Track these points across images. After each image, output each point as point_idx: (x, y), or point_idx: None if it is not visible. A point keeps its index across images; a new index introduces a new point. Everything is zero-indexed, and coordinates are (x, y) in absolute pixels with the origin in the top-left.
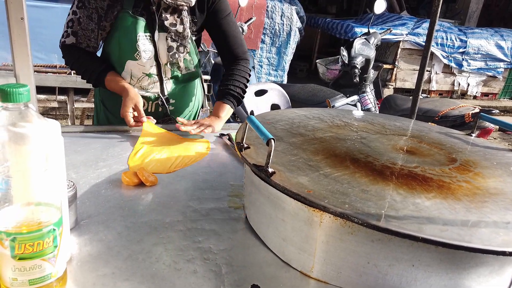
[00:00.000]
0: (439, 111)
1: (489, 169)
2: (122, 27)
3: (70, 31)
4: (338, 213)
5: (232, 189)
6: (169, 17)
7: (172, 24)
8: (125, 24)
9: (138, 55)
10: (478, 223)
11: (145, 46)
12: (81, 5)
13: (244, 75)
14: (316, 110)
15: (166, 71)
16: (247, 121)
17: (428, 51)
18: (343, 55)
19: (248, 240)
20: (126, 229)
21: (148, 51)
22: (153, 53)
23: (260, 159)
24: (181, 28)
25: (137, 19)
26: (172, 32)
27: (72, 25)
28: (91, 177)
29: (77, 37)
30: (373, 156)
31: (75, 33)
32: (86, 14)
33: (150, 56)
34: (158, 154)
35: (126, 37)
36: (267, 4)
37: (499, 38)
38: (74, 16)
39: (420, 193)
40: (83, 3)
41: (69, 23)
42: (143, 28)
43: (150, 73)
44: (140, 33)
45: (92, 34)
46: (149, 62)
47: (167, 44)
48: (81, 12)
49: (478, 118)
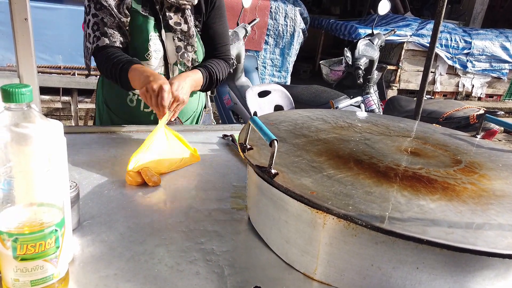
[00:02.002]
0: (443, 113)
1: (494, 171)
2: (134, 27)
3: (98, 33)
4: (341, 215)
5: (235, 190)
6: (173, 16)
7: (176, 23)
8: (136, 23)
9: (149, 55)
10: (483, 226)
11: (156, 46)
12: (99, 6)
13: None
14: (320, 111)
15: (174, 71)
16: (250, 122)
17: (433, 52)
18: (346, 56)
19: (250, 241)
20: (128, 230)
21: (158, 51)
22: (162, 53)
23: (263, 160)
24: (185, 27)
25: (148, 18)
26: (178, 32)
27: (98, 28)
28: (94, 177)
29: (108, 37)
30: (377, 157)
31: (104, 33)
32: (107, 13)
33: (160, 56)
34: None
35: (138, 36)
36: (271, 5)
37: (504, 39)
38: (96, 19)
39: (424, 195)
40: (101, 3)
41: (94, 26)
42: (153, 27)
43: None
44: (151, 32)
45: (120, 30)
46: (159, 62)
47: (175, 44)
48: (102, 13)
49: (483, 120)
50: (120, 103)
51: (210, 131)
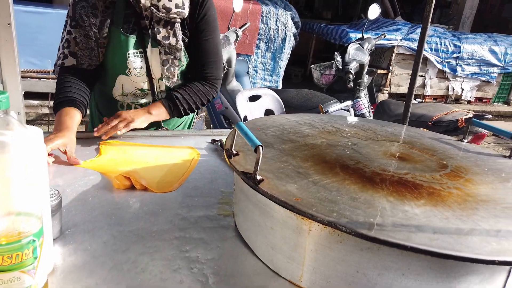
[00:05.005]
0: (432, 116)
1: (480, 176)
2: (113, 44)
3: (67, 51)
4: (326, 221)
5: (223, 196)
6: (161, 30)
7: (165, 38)
8: (116, 41)
9: (129, 72)
10: (468, 231)
11: (135, 63)
12: (75, 24)
13: (203, 97)
14: (308, 116)
15: (160, 85)
16: (236, 127)
17: (420, 56)
18: (337, 60)
19: (237, 248)
20: (112, 238)
21: (139, 68)
22: (145, 69)
23: (249, 166)
24: (174, 41)
25: (128, 37)
26: (165, 46)
27: (69, 46)
28: (79, 184)
29: (76, 58)
30: (364, 162)
31: (73, 53)
32: (82, 33)
33: (141, 73)
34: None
35: (117, 54)
36: (262, 9)
37: (492, 43)
38: (69, 36)
39: (410, 201)
40: (77, 22)
41: (65, 43)
42: (133, 45)
43: (143, 88)
44: (130, 50)
45: (92, 52)
46: (141, 78)
47: (161, 58)
48: (76, 32)
49: (470, 124)
50: (111, 109)
51: (199, 136)
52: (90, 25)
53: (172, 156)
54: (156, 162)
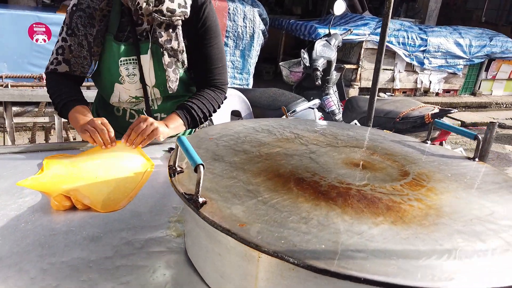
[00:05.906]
0: (399, 112)
1: (443, 183)
2: (107, 53)
3: (61, 58)
4: (271, 252)
5: (174, 213)
6: (163, 33)
7: (167, 41)
8: (109, 49)
9: (122, 79)
10: (428, 253)
11: (128, 71)
12: (70, 32)
13: (215, 103)
14: (266, 121)
15: (155, 93)
16: (177, 143)
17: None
18: (304, 57)
19: (185, 276)
20: (41, 272)
21: (132, 75)
22: (138, 76)
23: (192, 186)
24: (176, 44)
25: (119, 45)
26: (168, 49)
27: (63, 52)
28: (12, 208)
29: (70, 65)
30: (320, 174)
31: (67, 61)
32: (77, 42)
33: (135, 80)
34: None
35: (110, 62)
36: (229, 6)
37: (457, 36)
38: (64, 43)
39: (367, 218)
40: (73, 30)
41: (59, 50)
42: (126, 53)
43: (137, 96)
44: (122, 58)
45: (85, 61)
46: (135, 86)
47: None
48: (71, 40)
49: (433, 124)
50: (108, 113)
51: (155, 145)
52: (86, 34)
53: (123, 168)
54: (105, 176)
